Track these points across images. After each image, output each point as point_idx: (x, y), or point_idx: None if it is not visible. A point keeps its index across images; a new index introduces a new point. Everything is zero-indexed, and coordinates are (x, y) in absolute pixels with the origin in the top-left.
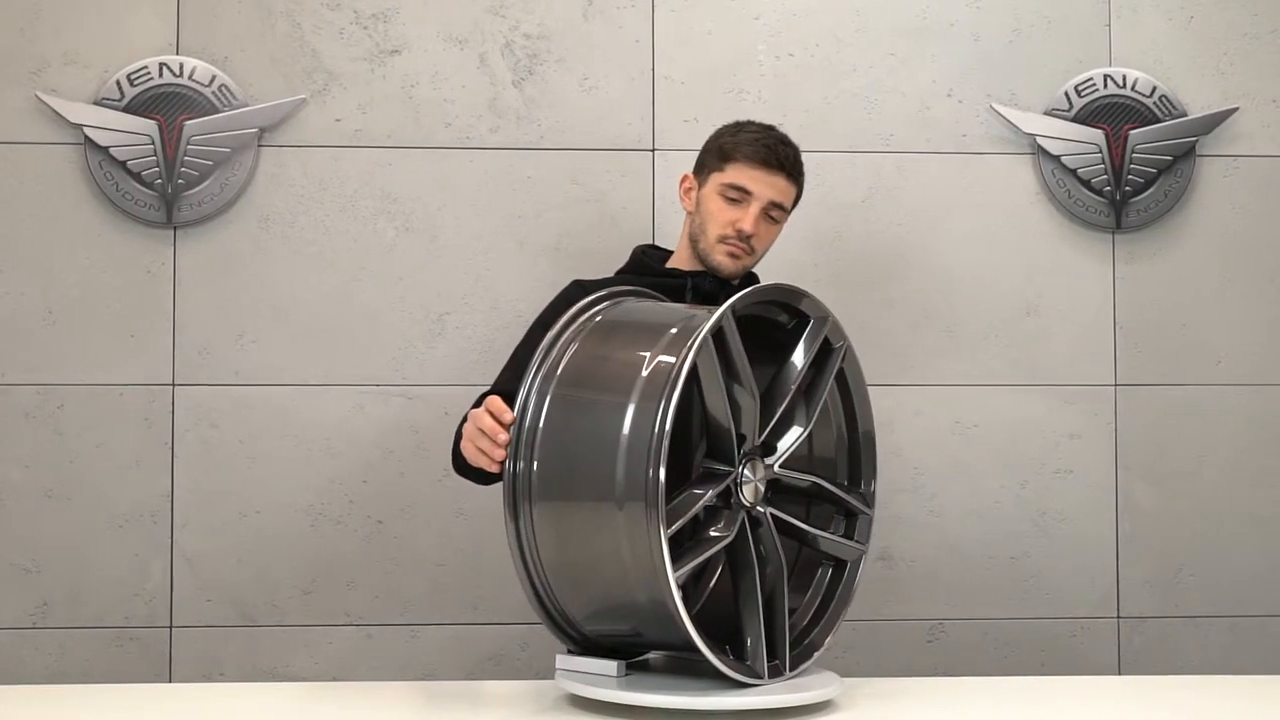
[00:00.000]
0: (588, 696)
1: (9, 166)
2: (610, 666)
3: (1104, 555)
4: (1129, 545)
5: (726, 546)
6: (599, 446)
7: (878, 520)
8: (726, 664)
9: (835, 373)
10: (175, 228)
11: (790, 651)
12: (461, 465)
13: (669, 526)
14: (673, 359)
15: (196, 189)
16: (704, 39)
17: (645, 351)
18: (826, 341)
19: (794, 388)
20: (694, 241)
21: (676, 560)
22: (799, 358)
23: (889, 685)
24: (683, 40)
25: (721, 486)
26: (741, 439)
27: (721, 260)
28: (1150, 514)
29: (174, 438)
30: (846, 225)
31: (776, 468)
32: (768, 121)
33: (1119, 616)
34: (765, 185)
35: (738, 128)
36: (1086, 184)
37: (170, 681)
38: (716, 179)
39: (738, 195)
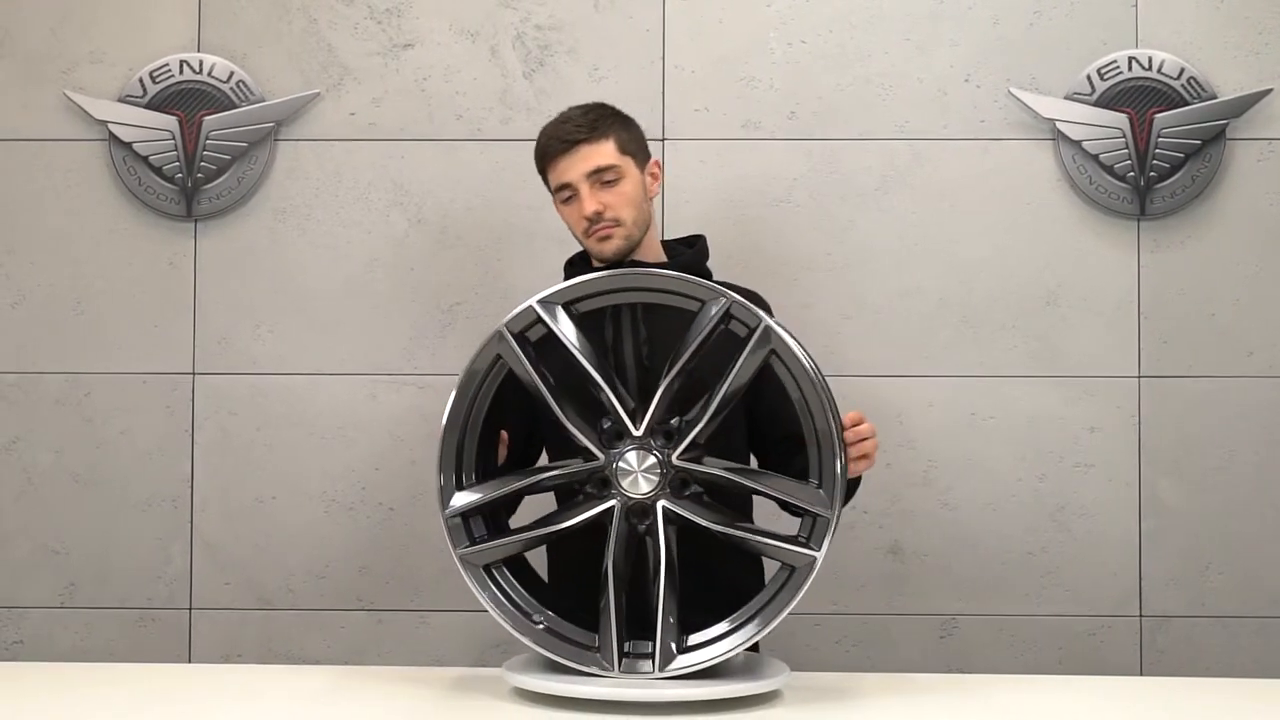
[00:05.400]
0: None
1: (40, 163)
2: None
3: (1126, 552)
4: (1153, 542)
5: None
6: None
7: (887, 513)
8: (550, 646)
9: (762, 357)
10: (195, 220)
11: (703, 647)
12: None
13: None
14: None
15: (215, 183)
16: (715, 27)
17: None
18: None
19: (669, 377)
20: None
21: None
22: (686, 345)
23: (837, 680)
24: (693, 29)
25: (535, 479)
26: (617, 429)
27: (599, 249)
28: (1176, 510)
29: (194, 425)
30: (861, 213)
31: (675, 459)
32: (782, 109)
33: (1141, 615)
34: (573, 168)
35: (539, 136)
36: (1109, 170)
37: (190, 661)
38: (551, 191)
39: (567, 193)
